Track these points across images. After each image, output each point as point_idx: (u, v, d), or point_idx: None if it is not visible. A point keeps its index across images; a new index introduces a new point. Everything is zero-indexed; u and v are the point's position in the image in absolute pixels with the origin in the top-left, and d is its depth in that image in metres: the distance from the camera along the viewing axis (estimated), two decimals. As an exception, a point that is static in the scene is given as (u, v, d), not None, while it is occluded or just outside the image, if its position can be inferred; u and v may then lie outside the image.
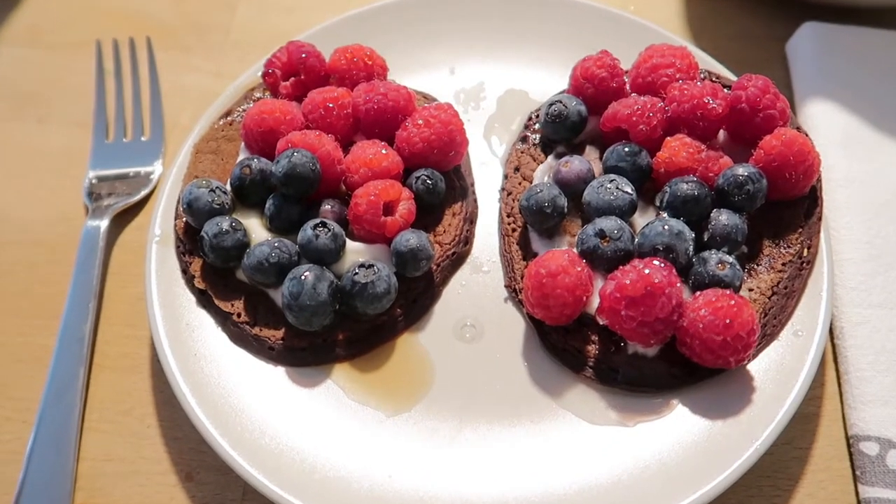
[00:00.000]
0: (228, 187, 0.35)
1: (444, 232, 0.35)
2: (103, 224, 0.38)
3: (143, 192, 0.40)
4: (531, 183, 0.37)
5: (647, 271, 0.29)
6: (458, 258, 0.36)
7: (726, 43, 0.46)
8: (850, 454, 0.31)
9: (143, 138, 0.42)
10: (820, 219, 0.34)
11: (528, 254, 0.35)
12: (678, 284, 0.30)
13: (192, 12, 0.50)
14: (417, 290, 0.34)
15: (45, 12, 0.50)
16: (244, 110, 0.39)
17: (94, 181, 0.40)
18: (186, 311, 0.34)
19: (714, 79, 0.39)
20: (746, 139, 0.35)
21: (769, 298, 0.32)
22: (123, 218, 0.40)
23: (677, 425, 0.30)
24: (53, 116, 0.45)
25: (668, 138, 0.35)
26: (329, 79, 0.39)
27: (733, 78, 0.40)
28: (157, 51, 0.47)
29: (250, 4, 0.50)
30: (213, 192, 0.33)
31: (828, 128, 0.40)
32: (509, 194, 0.37)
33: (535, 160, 0.38)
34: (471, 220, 0.37)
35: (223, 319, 0.33)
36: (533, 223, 0.35)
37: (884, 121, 0.40)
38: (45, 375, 0.34)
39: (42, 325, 0.36)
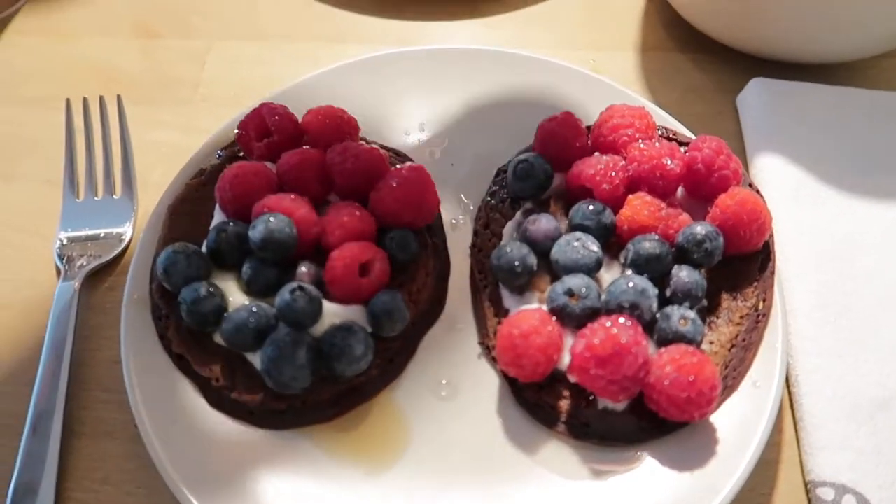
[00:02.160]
0: (204, 249, 0.35)
1: (418, 290, 0.36)
2: (75, 286, 0.38)
3: (116, 252, 0.40)
4: (501, 240, 0.38)
5: (614, 331, 0.31)
6: (432, 316, 0.37)
7: (680, 96, 0.49)
8: (809, 499, 0.33)
9: (114, 196, 0.42)
10: (773, 272, 0.36)
11: (500, 310, 0.36)
12: (644, 342, 0.31)
13: (161, 66, 0.50)
14: (393, 350, 0.34)
15: (11, 66, 0.50)
16: (218, 170, 0.39)
17: (64, 242, 0.40)
18: (163, 375, 0.34)
19: (671, 136, 0.41)
20: (703, 195, 0.37)
21: (729, 351, 0.34)
22: (95, 278, 0.39)
23: (647, 478, 0.31)
24: (21, 174, 0.44)
25: (630, 196, 0.37)
26: (303, 139, 0.40)
27: (688, 133, 0.42)
28: (126, 105, 0.47)
29: (218, 58, 0.50)
30: (190, 257, 0.34)
31: (778, 181, 0.42)
32: (480, 251, 0.39)
33: (504, 217, 0.39)
34: (443, 277, 0.38)
35: (201, 383, 0.33)
36: (504, 281, 0.36)
37: (830, 173, 0.43)
38: (18, 444, 0.33)
39: (13, 392, 0.36)
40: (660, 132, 0.41)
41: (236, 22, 0.53)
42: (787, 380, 0.36)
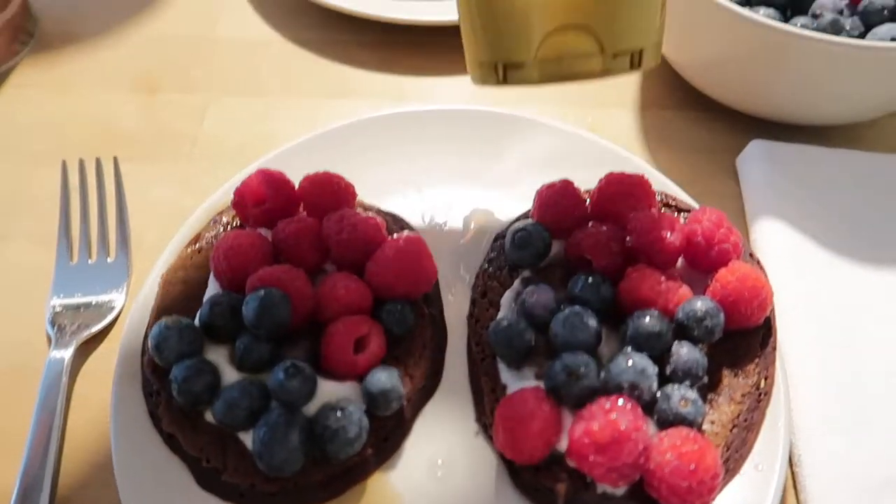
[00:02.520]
0: (197, 321, 0.35)
1: (415, 364, 0.36)
2: (67, 355, 0.37)
3: (108, 321, 0.39)
4: (499, 309, 0.38)
5: (613, 416, 0.30)
6: (428, 390, 0.36)
7: (680, 155, 0.48)
8: (813, 588, 0.32)
9: (108, 259, 0.42)
10: (774, 348, 0.35)
11: (497, 386, 0.35)
12: (644, 426, 0.31)
13: (160, 121, 0.50)
14: (388, 428, 0.34)
15: (10, 120, 0.50)
16: (213, 237, 0.39)
17: (57, 308, 0.39)
18: (153, 453, 0.33)
19: (670, 202, 0.41)
20: (703, 267, 0.37)
21: (730, 431, 0.33)
22: (88, 346, 0.39)
23: (647, 568, 0.31)
24: (16, 233, 0.44)
25: (630, 269, 0.36)
26: (299, 205, 0.39)
27: (688, 199, 0.42)
28: (123, 162, 0.47)
29: (217, 113, 0.50)
30: (182, 332, 0.33)
31: (779, 246, 0.42)
32: (477, 321, 0.38)
33: (501, 285, 0.39)
34: (440, 348, 0.38)
35: (192, 463, 0.33)
36: (501, 355, 0.35)
37: (831, 238, 0.42)
38: (4, 522, 0.33)
39: (1, 465, 0.35)
40: (659, 198, 0.41)
41: (236, 76, 0.53)
42: (790, 459, 0.35)
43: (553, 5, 0.31)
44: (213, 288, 0.36)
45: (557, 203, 0.39)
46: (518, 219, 0.41)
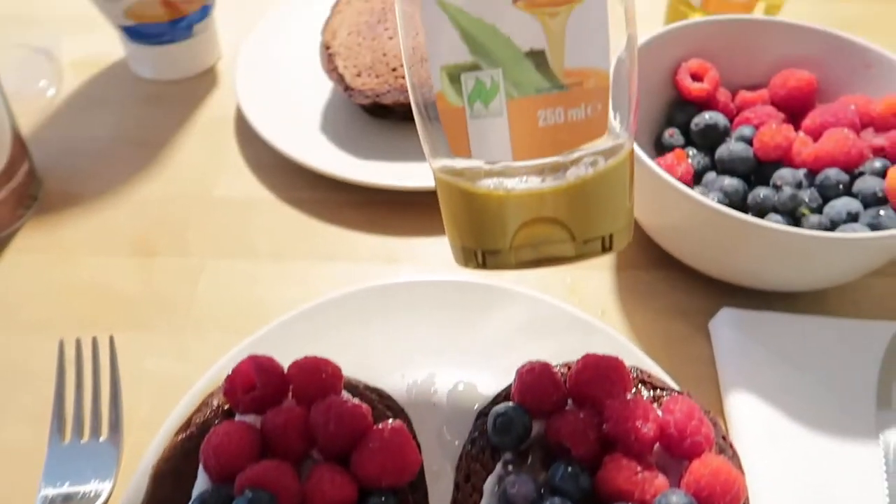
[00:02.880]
0: (186, 517, 0.35)
1: (399, 557, 0.36)
2: (55, 548, 0.38)
3: (98, 507, 0.40)
4: (481, 495, 0.39)
5: None
6: (412, 583, 0.37)
7: (655, 316, 0.50)
8: None
9: (99, 439, 0.43)
10: (750, 537, 0.36)
11: (482, 578, 0.36)
12: None
13: (156, 285, 0.52)
14: None
15: (9, 288, 0.52)
16: (203, 422, 0.40)
17: (49, 498, 0.40)
18: None
19: (646, 379, 0.43)
20: (677, 455, 0.38)
21: None
22: (76, 535, 0.39)
23: None
24: (10, 409, 0.45)
25: (607, 458, 0.37)
26: (288, 390, 0.41)
27: (663, 375, 0.43)
28: (119, 331, 0.49)
29: (211, 277, 0.53)
30: (171, 535, 0.34)
31: (751, 418, 0.43)
32: (461, 508, 0.39)
33: (484, 468, 0.40)
34: (424, 538, 0.38)
35: None
36: (485, 548, 0.36)
37: (804, 408, 0.44)
38: None
39: None
40: (634, 374, 0.43)
41: (229, 237, 0.55)
42: None
43: (525, 203, 0.34)
44: (202, 482, 0.37)
45: (536, 386, 0.40)
46: (499, 395, 0.43)
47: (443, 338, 0.46)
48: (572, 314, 0.46)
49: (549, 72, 0.31)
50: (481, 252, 0.36)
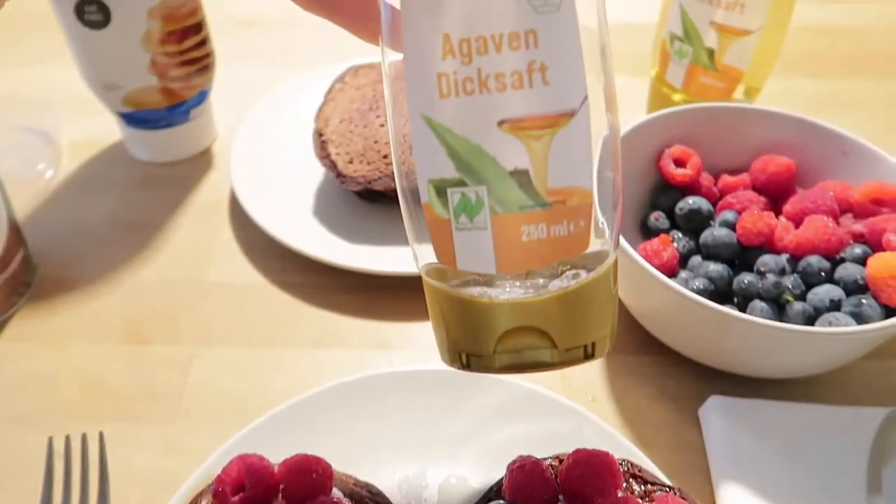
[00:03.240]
0: None
1: None
2: None
3: None
4: None
5: None
6: None
7: (645, 403, 0.51)
8: None
9: (87, 540, 0.42)
10: None
11: None
12: None
13: (147, 376, 0.52)
14: None
15: (1, 379, 0.52)
16: (192, 525, 0.40)
17: None
18: None
19: (636, 473, 0.43)
20: (670, 555, 0.38)
21: None
22: None
23: None
24: (-3, 507, 0.45)
25: (598, 560, 0.37)
26: (278, 489, 0.41)
27: (656, 471, 0.43)
28: (108, 423, 0.48)
29: (203, 366, 0.53)
30: None
31: (743, 511, 0.43)
32: None
33: (475, 570, 0.40)
34: None
35: None
36: None
37: (795, 498, 0.44)
38: None
39: None
40: (625, 469, 0.43)
41: (221, 326, 0.56)
42: None
43: (508, 312, 0.34)
44: (189, 590, 0.37)
45: (527, 484, 0.40)
46: (491, 490, 0.43)
47: (434, 428, 0.47)
48: (563, 403, 0.47)
49: (533, 190, 0.32)
50: (465, 354, 0.37)
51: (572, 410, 0.46)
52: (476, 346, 0.36)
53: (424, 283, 0.37)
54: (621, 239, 0.46)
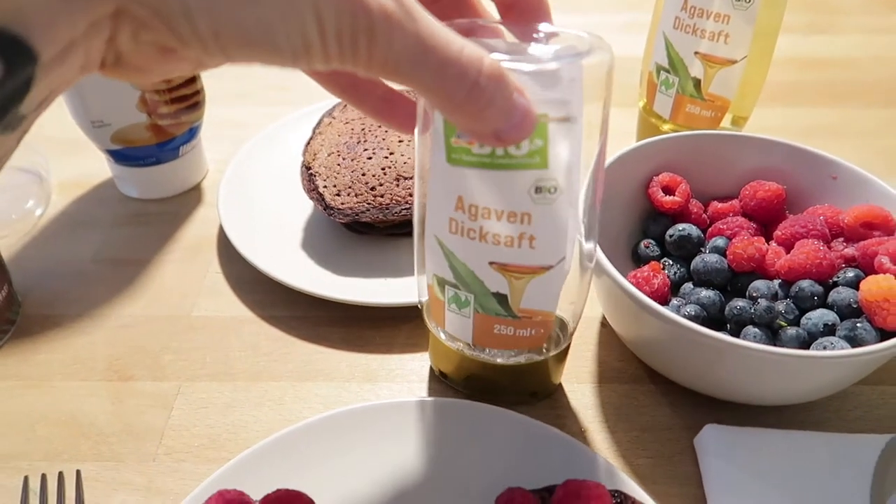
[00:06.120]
0: None
1: None
2: None
3: None
4: None
5: None
6: None
7: (638, 433, 0.49)
8: None
9: (60, 585, 0.41)
10: None
11: None
12: None
13: (129, 414, 0.51)
14: None
15: (-22, 419, 0.51)
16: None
17: None
18: None
19: (629, 503, 0.42)
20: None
21: None
22: None
23: None
24: (-32, 552, 0.43)
25: None
26: (257, 527, 0.39)
27: (649, 501, 0.42)
28: (87, 462, 0.47)
29: (186, 402, 0.51)
30: None
31: (742, 545, 0.42)
32: None
33: None
34: None
35: None
36: None
37: (793, 531, 0.42)
38: None
39: None
40: (617, 500, 0.41)
41: (206, 361, 0.55)
42: None
43: (473, 364, 0.47)
44: None
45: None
46: (480, 526, 0.41)
47: (420, 461, 0.45)
48: (554, 434, 0.45)
49: (508, 307, 0.40)
50: (442, 373, 0.52)
51: (564, 441, 0.45)
52: (453, 373, 0.50)
53: (425, 314, 0.48)
54: (612, 268, 0.46)
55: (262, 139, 0.72)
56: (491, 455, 0.45)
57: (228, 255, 0.63)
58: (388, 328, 0.56)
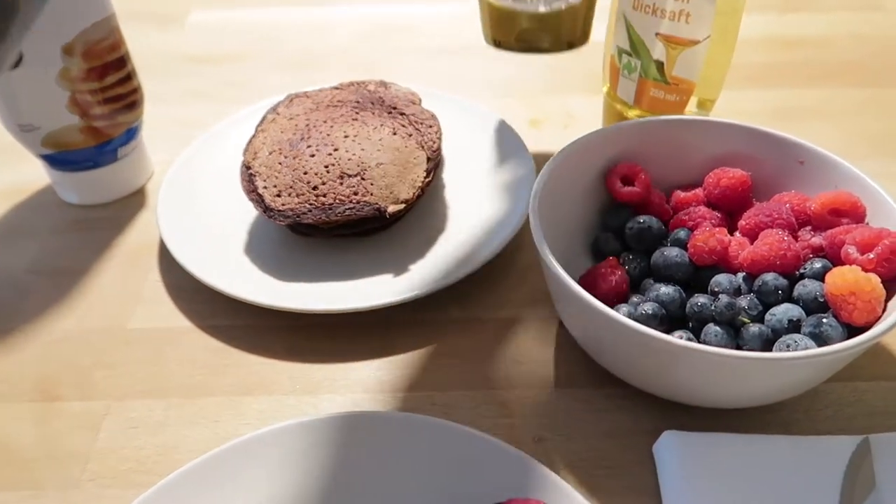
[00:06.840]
0: None
1: None
2: None
3: None
4: None
5: None
6: None
7: (595, 442, 0.46)
8: None
9: None
10: None
11: None
12: None
13: (53, 437, 0.47)
14: None
15: None
16: None
17: None
18: None
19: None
20: None
21: None
22: None
23: None
24: None
25: None
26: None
27: (598, 519, 0.39)
28: (4, 490, 0.44)
29: (115, 422, 0.48)
30: None
31: (701, 562, 0.39)
32: None
33: None
34: None
35: None
36: None
37: (756, 545, 0.40)
38: None
39: None
40: (567, 520, 0.39)
41: (139, 376, 0.51)
42: None
43: (523, 17, 0.60)
44: None
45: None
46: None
47: (357, 478, 0.42)
48: (501, 447, 0.42)
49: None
50: (496, 41, 0.63)
51: (512, 455, 0.42)
52: (502, 35, 0.62)
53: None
54: (559, 268, 0.43)
55: (208, 138, 0.69)
56: (434, 471, 0.42)
57: (168, 262, 0.60)
58: (332, 336, 0.53)
